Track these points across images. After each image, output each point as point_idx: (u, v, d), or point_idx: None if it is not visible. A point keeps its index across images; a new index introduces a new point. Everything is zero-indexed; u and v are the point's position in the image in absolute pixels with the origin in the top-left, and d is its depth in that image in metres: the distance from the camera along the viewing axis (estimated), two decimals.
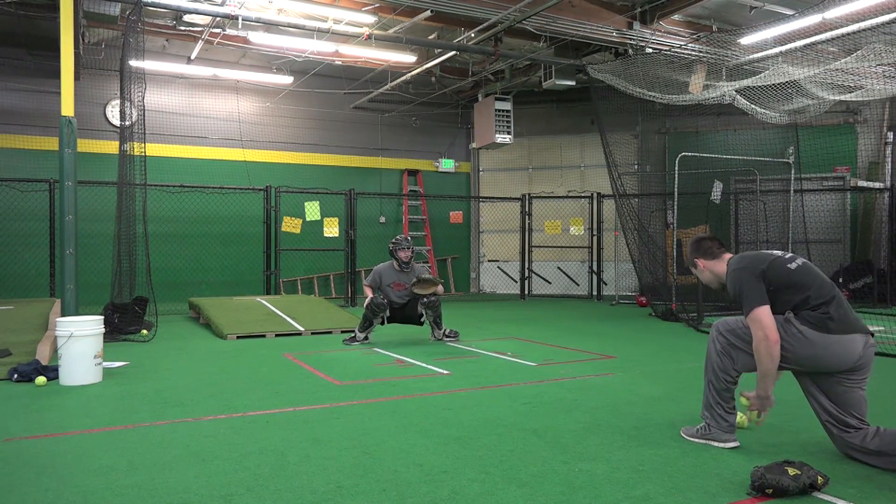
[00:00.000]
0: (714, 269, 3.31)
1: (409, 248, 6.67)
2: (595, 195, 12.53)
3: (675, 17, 9.24)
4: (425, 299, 6.66)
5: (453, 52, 9.59)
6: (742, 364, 3.10)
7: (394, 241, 6.76)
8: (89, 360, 4.81)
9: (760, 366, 2.99)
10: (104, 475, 2.91)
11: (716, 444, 3.21)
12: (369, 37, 8.65)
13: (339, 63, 10.52)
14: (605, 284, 12.58)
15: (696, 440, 3.29)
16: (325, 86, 12.39)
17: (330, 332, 7.49)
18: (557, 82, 10.07)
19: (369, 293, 6.70)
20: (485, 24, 8.68)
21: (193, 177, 11.18)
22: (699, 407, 4.02)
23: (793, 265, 3.07)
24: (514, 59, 10.30)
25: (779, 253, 3.17)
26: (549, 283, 13.26)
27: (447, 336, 7.06)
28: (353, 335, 6.81)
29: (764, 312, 2.95)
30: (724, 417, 3.18)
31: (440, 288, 6.75)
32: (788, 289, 2.99)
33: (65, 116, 6.27)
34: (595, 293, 12.52)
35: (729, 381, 3.14)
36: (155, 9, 7.79)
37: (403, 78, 11.13)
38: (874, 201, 11.58)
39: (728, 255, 3.29)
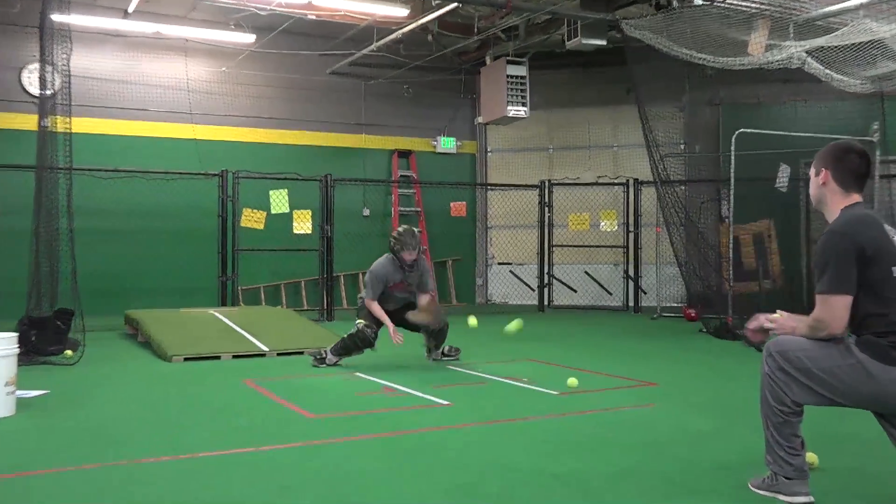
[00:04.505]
0: (829, 199, 3.16)
1: (415, 249, 6.63)
2: (631, 182, 12.53)
3: None
4: (432, 328, 6.71)
5: (455, 4, 9.59)
6: (797, 395, 3.08)
7: (396, 235, 6.71)
8: None
9: (804, 329, 3.07)
10: None
11: (782, 497, 3.20)
12: None
13: (313, 18, 10.51)
14: (645, 293, 12.58)
15: (763, 493, 3.28)
16: (296, 46, 12.38)
17: (301, 353, 7.48)
18: (584, 42, 10.06)
19: (376, 310, 6.59)
20: None
21: (131, 159, 11.16)
22: (758, 445, 4.02)
23: None
24: (530, 12, 10.30)
25: None
26: (575, 291, 13.23)
27: (446, 355, 7.07)
28: (322, 356, 6.81)
29: (841, 303, 2.94)
30: (788, 460, 3.15)
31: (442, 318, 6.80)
32: (877, 295, 2.94)
33: None
34: (631, 304, 12.52)
35: (787, 414, 3.10)
36: None
37: (393, 36, 11.12)
38: None
39: (857, 199, 3.14)
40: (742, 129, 9.66)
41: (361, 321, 6.67)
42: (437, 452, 3.99)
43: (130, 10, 10.44)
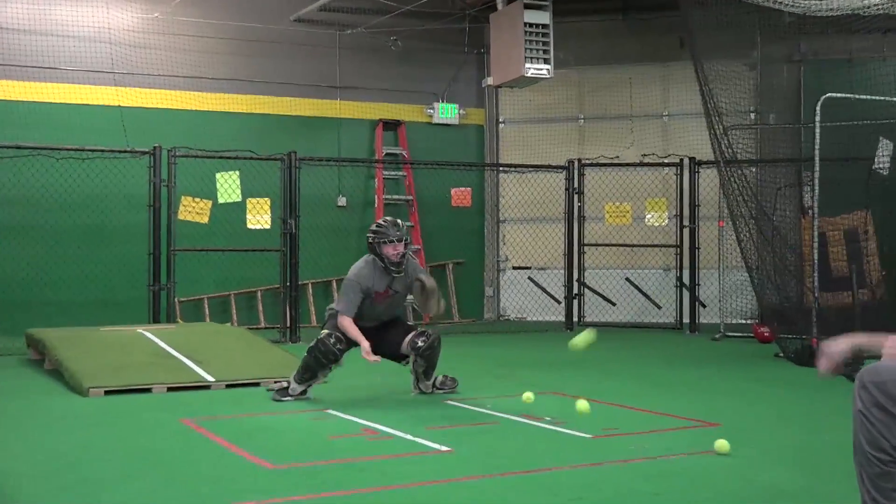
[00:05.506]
0: None
1: (400, 240, 6.66)
2: (686, 162, 12.52)
3: None
4: (420, 343, 6.70)
5: None
6: None
7: (375, 228, 6.75)
8: None
9: None
10: None
11: None
12: None
13: None
14: (704, 307, 12.56)
15: None
16: None
17: (257, 385, 7.48)
18: None
19: (349, 327, 6.59)
20: None
21: (35, 132, 11.15)
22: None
23: None
24: None
25: None
26: (613, 304, 13.22)
27: (439, 387, 7.07)
28: (284, 386, 6.84)
29: None
30: None
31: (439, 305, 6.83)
32: None
33: None
34: (687, 321, 12.51)
35: (886, 463, 3.09)
36: None
37: None
38: None
39: None
40: (830, 94, 9.63)
41: (325, 330, 6.69)
42: None
43: None
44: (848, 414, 6.40)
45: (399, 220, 6.88)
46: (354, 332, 6.63)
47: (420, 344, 6.71)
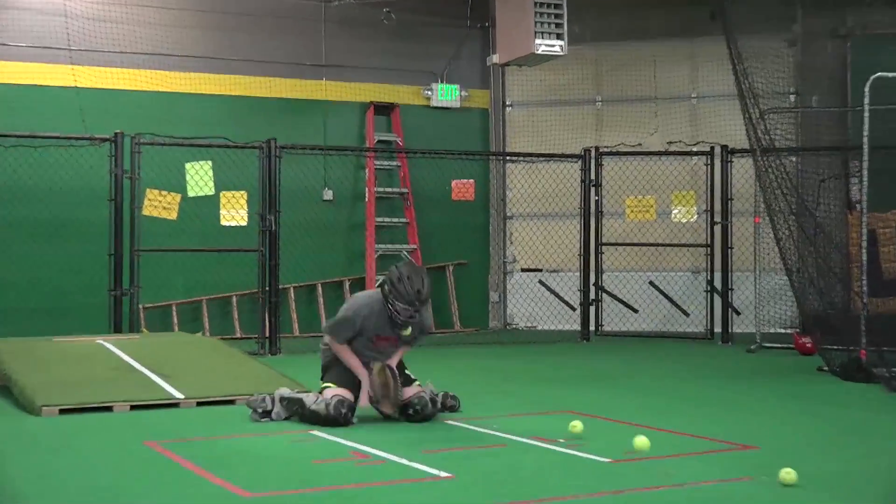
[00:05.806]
0: None
1: (416, 305, 6.51)
2: (718, 150, 12.51)
3: None
4: (411, 412, 6.72)
5: None
6: None
7: (395, 278, 6.53)
8: None
9: None
10: None
11: None
12: None
13: None
14: (738, 314, 12.56)
15: None
16: None
17: (232, 402, 7.47)
18: None
19: (346, 356, 6.65)
20: None
21: None
22: None
23: None
24: None
25: None
26: (635, 311, 13.21)
27: (439, 407, 7.05)
28: (268, 409, 6.80)
29: None
30: None
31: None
32: None
33: None
34: (718, 330, 12.49)
35: None
36: None
37: None
38: None
39: None
40: (881, 74, 9.63)
41: (331, 390, 6.58)
42: None
43: None
44: None
45: (424, 275, 6.64)
46: (352, 360, 6.68)
47: (411, 412, 6.73)
